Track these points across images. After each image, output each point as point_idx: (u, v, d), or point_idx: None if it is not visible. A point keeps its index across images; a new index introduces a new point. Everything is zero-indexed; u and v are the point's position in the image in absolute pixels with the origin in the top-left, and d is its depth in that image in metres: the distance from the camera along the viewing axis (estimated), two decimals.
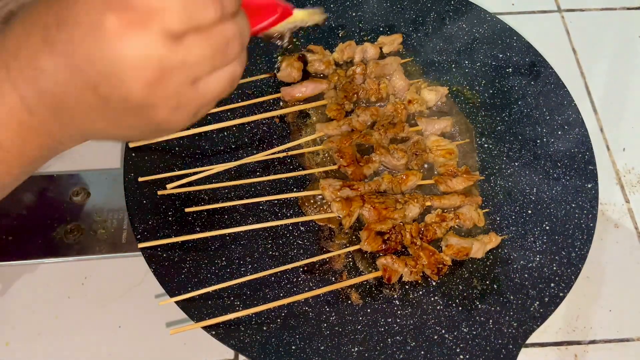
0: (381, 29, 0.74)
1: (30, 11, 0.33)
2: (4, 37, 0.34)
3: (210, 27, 0.33)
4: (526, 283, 0.57)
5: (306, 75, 0.70)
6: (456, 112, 0.69)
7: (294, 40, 0.70)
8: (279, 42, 0.53)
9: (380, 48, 0.71)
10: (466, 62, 0.72)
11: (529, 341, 0.54)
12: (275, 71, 0.69)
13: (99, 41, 0.31)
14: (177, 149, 0.64)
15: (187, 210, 0.58)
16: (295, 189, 0.62)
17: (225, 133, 0.65)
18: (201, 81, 0.34)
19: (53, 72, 0.32)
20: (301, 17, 0.44)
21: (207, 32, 0.33)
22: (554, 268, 0.57)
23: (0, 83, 0.33)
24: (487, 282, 0.57)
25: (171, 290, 0.54)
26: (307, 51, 0.70)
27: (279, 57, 0.70)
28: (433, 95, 0.68)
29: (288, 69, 0.68)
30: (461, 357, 0.52)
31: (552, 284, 0.56)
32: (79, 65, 0.32)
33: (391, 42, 0.72)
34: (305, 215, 0.60)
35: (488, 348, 0.53)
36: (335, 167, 0.63)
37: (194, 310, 0.53)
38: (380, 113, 0.66)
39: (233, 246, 0.58)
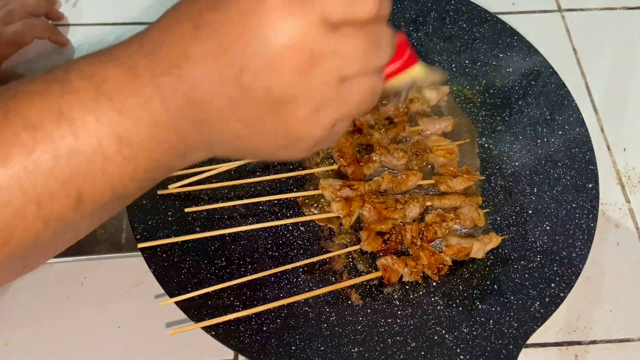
0: None
1: (180, 4, 0.32)
2: (151, 27, 0.32)
3: (367, 23, 0.32)
4: (527, 283, 0.57)
5: None
6: (457, 112, 0.69)
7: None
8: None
9: None
10: (466, 61, 0.72)
11: (529, 341, 0.54)
12: None
13: (254, 20, 0.29)
14: None
15: (187, 210, 0.58)
16: (295, 189, 0.62)
17: None
18: (346, 81, 0.32)
19: (198, 57, 0.30)
20: (422, 72, 0.43)
21: (362, 26, 0.32)
22: (555, 268, 0.57)
23: (140, 70, 0.31)
24: (488, 283, 0.57)
25: (171, 290, 0.54)
26: None
27: None
28: (434, 94, 0.68)
29: None
30: (461, 357, 0.52)
31: (553, 284, 0.56)
32: (228, 49, 0.30)
33: None
34: (305, 215, 0.60)
35: (488, 348, 0.53)
36: (335, 167, 0.63)
37: (193, 310, 0.53)
38: (382, 112, 0.66)
39: (233, 246, 0.58)
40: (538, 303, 0.55)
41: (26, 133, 0.29)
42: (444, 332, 0.54)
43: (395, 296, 0.56)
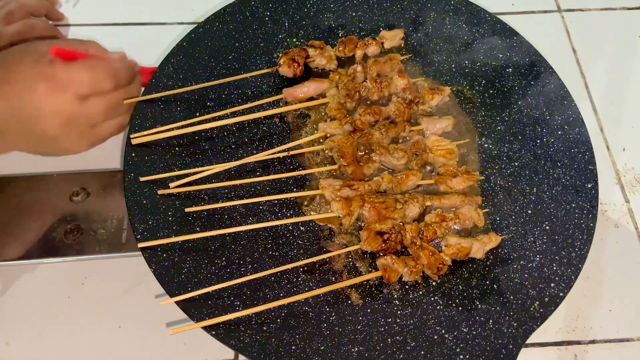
0: (381, 29, 0.74)
1: None
2: None
3: (108, 92, 0.57)
4: (526, 283, 0.57)
5: (307, 70, 0.70)
6: (458, 112, 0.69)
7: (294, 40, 0.73)
8: None
9: (382, 43, 0.72)
10: (466, 62, 0.72)
11: (529, 341, 0.54)
12: (277, 67, 0.69)
13: (33, 96, 0.52)
14: (177, 149, 0.64)
15: (187, 210, 0.58)
16: (295, 189, 0.62)
17: (225, 133, 0.65)
18: (97, 126, 0.58)
19: (0, 107, 0.53)
20: None
21: (104, 96, 0.57)
22: (554, 268, 0.57)
23: None
24: (487, 282, 0.57)
25: (171, 290, 0.54)
26: (308, 46, 0.70)
27: (279, 55, 0.70)
28: (436, 94, 0.68)
29: (286, 67, 0.68)
30: (461, 357, 0.52)
31: (552, 284, 0.56)
32: (16, 108, 0.53)
33: (392, 37, 0.72)
34: (305, 215, 0.60)
35: (488, 348, 0.53)
36: (335, 167, 0.63)
37: (194, 310, 0.53)
38: (383, 112, 0.66)
39: (233, 246, 0.58)
40: (537, 303, 0.55)
41: None
42: (443, 331, 0.54)
43: (395, 296, 0.56)
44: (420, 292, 0.57)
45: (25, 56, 0.54)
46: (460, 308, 0.56)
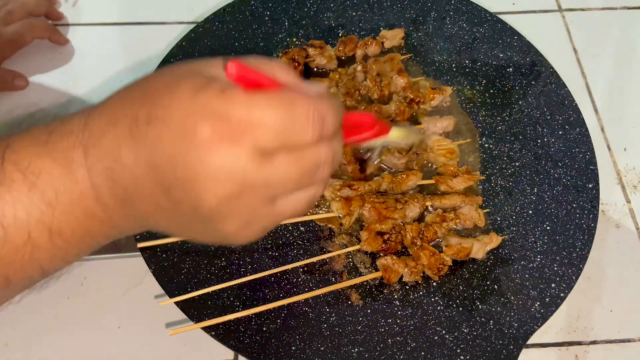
0: (381, 29, 0.74)
1: (123, 98, 0.32)
2: (89, 118, 0.33)
3: (305, 148, 0.31)
4: (527, 283, 0.57)
5: (307, 70, 0.70)
6: (458, 111, 0.69)
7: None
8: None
9: (382, 43, 0.72)
10: (467, 61, 0.72)
11: (529, 342, 0.54)
12: None
13: (187, 146, 0.29)
14: None
15: None
16: None
17: None
18: (279, 200, 0.32)
19: (132, 165, 0.31)
20: (397, 136, 0.41)
21: (299, 153, 0.31)
22: (555, 268, 0.57)
23: (75, 167, 0.32)
24: (488, 283, 0.57)
25: (171, 290, 0.54)
26: (308, 46, 0.70)
27: (279, 54, 0.70)
28: (437, 94, 0.68)
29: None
30: (462, 357, 0.52)
31: (553, 284, 0.56)
32: (159, 165, 0.30)
33: (393, 36, 0.72)
34: (305, 215, 0.60)
35: (489, 349, 0.53)
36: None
37: (193, 310, 0.53)
38: (384, 112, 0.66)
39: (233, 246, 0.58)
40: (538, 303, 0.55)
41: None
42: (444, 332, 0.54)
43: (396, 296, 0.56)
44: (421, 293, 0.57)
45: (183, 81, 0.31)
46: (460, 308, 0.55)
